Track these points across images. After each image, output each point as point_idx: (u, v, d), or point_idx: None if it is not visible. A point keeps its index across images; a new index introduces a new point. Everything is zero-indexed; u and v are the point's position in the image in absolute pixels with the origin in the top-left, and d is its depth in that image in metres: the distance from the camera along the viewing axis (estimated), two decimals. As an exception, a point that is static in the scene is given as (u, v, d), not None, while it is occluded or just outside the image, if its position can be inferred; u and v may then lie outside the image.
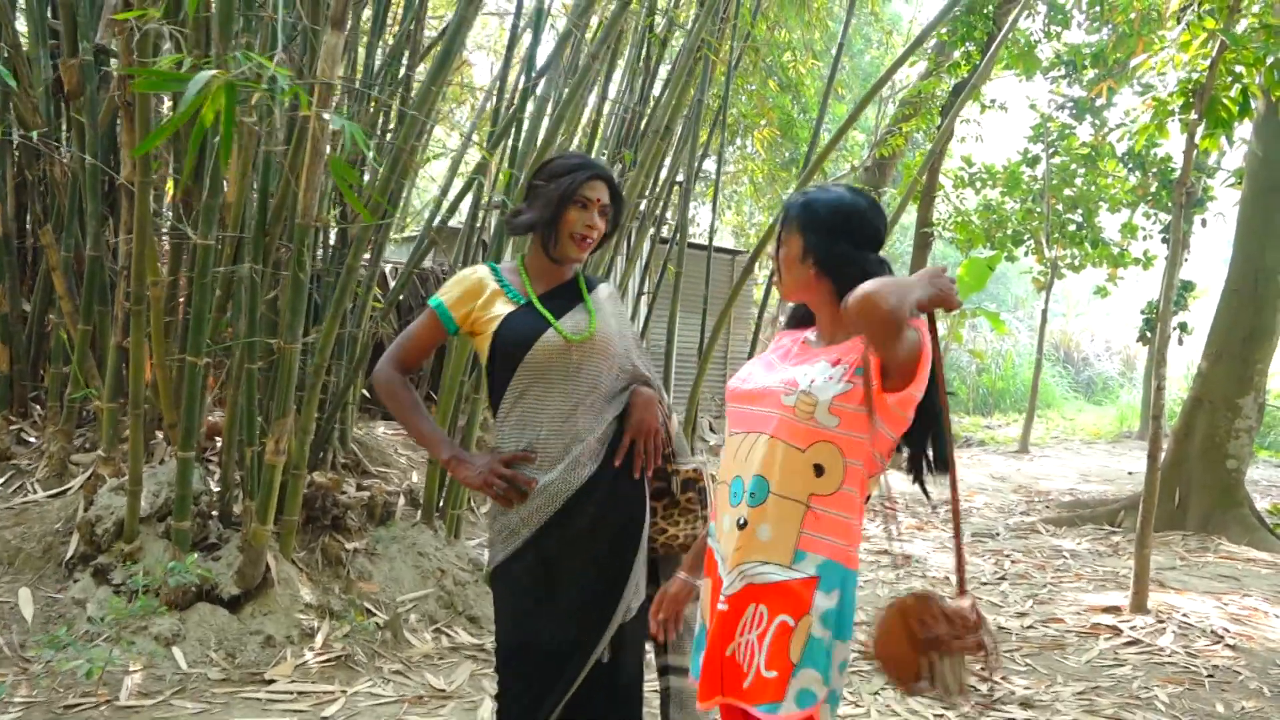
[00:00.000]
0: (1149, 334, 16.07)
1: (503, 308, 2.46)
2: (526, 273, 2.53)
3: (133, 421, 4.07)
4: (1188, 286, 16.04)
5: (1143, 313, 16.23)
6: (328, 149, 3.77)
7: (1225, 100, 5.57)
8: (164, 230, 4.34)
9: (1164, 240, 15.92)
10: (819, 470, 1.89)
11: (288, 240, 4.20)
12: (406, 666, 4.13)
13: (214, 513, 4.39)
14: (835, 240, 2.03)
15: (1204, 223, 15.72)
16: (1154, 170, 15.06)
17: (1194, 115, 5.55)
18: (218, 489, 4.46)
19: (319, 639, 4.11)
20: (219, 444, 4.71)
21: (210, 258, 3.94)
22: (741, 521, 1.94)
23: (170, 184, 4.63)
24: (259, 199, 4.16)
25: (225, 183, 4.43)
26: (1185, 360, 18.39)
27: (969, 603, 1.92)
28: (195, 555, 4.05)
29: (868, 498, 1.98)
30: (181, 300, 4.58)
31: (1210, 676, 4.60)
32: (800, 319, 2.21)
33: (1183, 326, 15.88)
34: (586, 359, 2.44)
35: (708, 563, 2.11)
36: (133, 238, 3.89)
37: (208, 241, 3.89)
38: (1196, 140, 5.62)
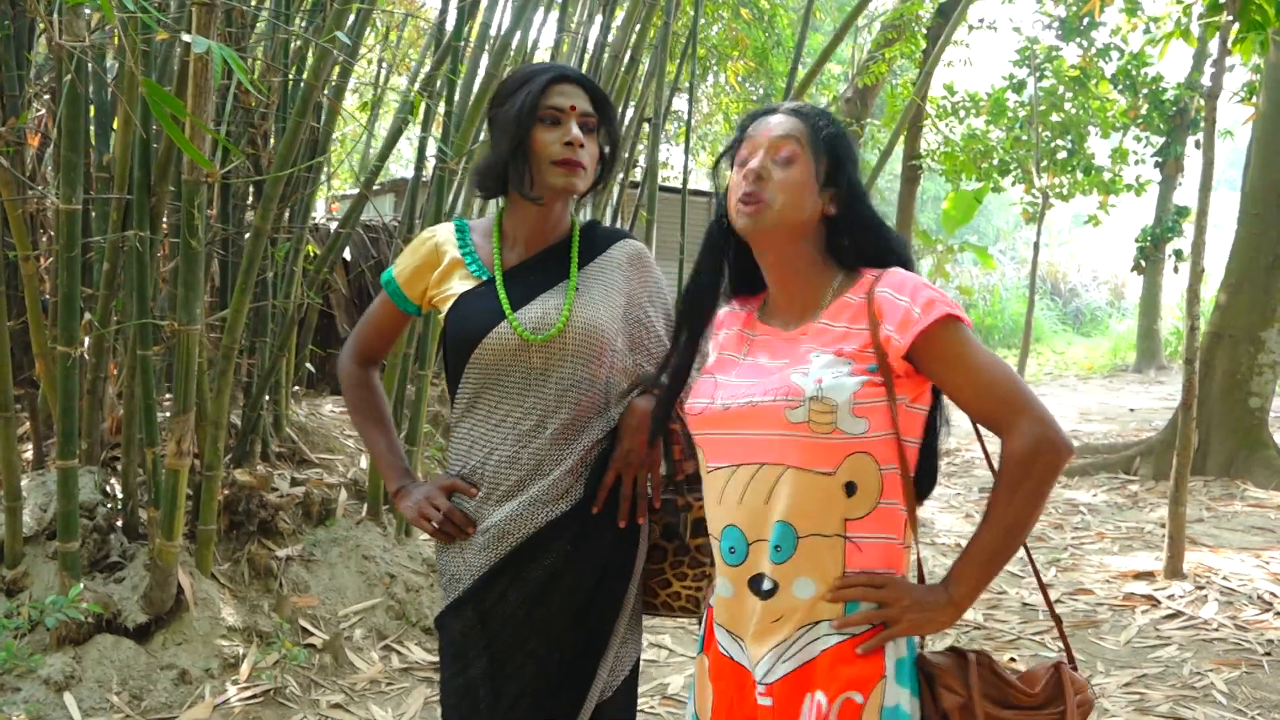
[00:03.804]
0: (1144, 262, 15.53)
1: (459, 285, 1.84)
2: (501, 234, 1.87)
3: (1, 425, 3.40)
4: (1182, 212, 15.45)
5: (1137, 240, 15.66)
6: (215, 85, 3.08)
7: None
8: (25, 193, 3.63)
9: (1156, 165, 15.33)
10: (850, 489, 1.45)
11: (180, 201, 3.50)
12: (349, 696, 3.53)
13: (117, 524, 3.75)
14: (852, 170, 1.55)
15: (1198, 144, 15.10)
16: (1144, 91, 14.40)
17: (1226, 17, 4.89)
18: (121, 496, 3.81)
19: (244, 670, 3.49)
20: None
21: (77, 225, 3.25)
22: (767, 587, 1.47)
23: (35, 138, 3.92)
24: (139, 152, 3.46)
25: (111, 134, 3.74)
26: (1179, 288, 17.86)
27: (1047, 668, 1.46)
28: (86, 581, 3.42)
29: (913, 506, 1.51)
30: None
31: (1268, 655, 4.07)
32: (714, 286, 1.65)
33: (1178, 254, 15.33)
34: (555, 363, 1.78)
35: (709, 645, 1.56)
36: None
37: (72, 206, 3.19)
38: (1229, 46, 4.97)
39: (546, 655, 1.77)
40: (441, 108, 4.35)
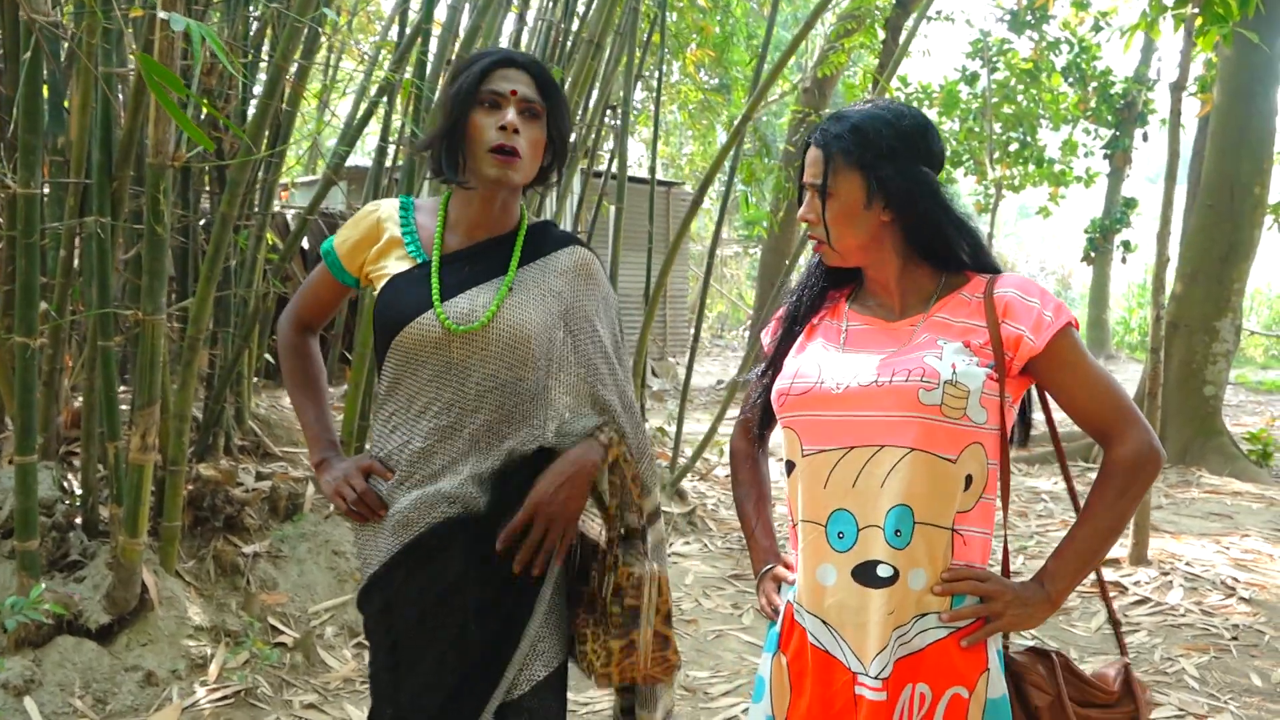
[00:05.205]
0: (1093, 253, 15.81)
1: (394, 265, 1.78)
2: (445, 217, 1.80)
3: (-46, 420, 3.26)
4: (1130, 203, 15.74)
5: (1086, 231, 15.93)
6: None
7: (1223, -8, 4.96)
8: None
9: (1105, 157, 15.59)
10: (968, 482, 1.47)
11: (143, 186, 3.37)
12: (323, 696, 3.44)
13: (77, 521, 3.62)
14: (909, 166, 1.52)
15: (1145, 136, 15.40)
16: (1094, 84, 14.63)
17: (1191, 9, 4.95)
18: (80, 492, 3.67)
19: (213, 670, 3.39)
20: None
21: (36, 211, 3.11)
22: (885, 574, 1.46)
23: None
24: (101, 134, 3.32)
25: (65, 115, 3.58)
26: (1126, 279, 18.24)
27: (1116, 668, 1.53)
28: (45, 581, 3.29)
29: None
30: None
31: (1234, 639, 4.15)
32: (821, 285, 1.68)
33: (1125, 245, 15.62)
34: (476, 360, 1.71)
35: (794, 645, 1.55)
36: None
37: (31, 190, 3.05)
38: (1193, 39, 5.02)
39: (444, 653, 1.72)
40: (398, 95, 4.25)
